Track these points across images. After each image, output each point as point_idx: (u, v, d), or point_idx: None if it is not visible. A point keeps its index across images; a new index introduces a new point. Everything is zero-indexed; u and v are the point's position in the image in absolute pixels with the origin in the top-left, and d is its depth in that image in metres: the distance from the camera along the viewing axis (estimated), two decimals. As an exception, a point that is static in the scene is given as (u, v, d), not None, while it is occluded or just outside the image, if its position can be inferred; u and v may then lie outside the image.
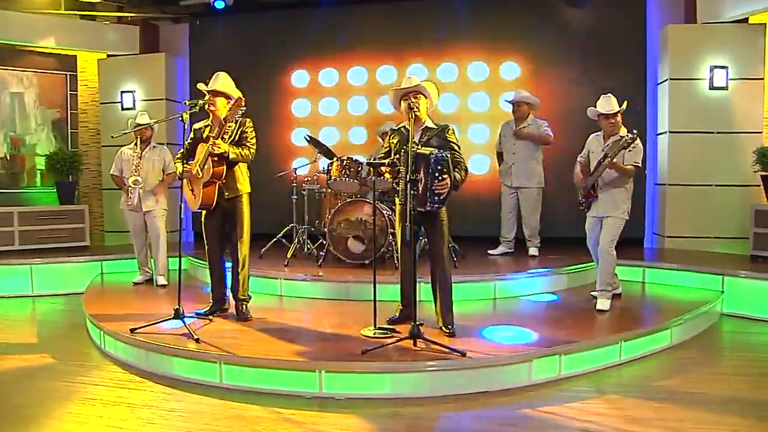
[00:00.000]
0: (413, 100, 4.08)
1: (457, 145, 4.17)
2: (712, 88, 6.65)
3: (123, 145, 5.98)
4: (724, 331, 4.97)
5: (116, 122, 7.80)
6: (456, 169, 3.99)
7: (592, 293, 5.17)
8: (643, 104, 7.14)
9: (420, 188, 3.91)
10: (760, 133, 6.62)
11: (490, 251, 6.54)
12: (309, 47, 7.85)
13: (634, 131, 4.52)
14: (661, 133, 7.01)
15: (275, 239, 6.50)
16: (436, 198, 3.91)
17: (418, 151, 3.92)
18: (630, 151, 4.61)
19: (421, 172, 3.90)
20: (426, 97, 4.16)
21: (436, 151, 3.89)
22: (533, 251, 6.35)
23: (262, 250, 6.38)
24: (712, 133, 6.66)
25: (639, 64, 7.14)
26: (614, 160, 4.53)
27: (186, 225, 8.23)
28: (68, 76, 7.76)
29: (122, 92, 7.84)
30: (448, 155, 3.89)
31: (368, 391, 3.57)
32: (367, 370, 3.57)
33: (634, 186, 4.85)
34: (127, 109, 7.80)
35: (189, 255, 6.66)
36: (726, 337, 4.84)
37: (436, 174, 3.85)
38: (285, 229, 6.54)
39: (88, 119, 8.18)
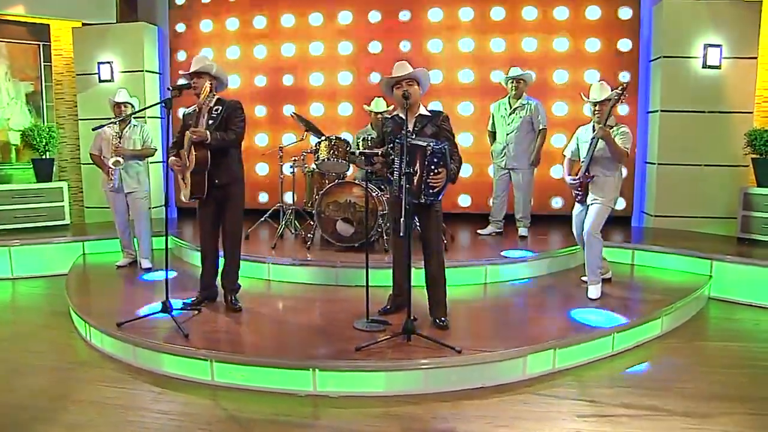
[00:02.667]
0: (407, 87, 3.93)
1: (451, 133, 4.06)
2: (705, 66, 6.57)
3: (101, 118, 5.74)
4: (712, 318, 5.01)
5: (94, 95, 7.54)
6: (451, 160, 3.88)
7: (582, 278, 5.17)
8: (635, 81, 7.07)
9: (415, 180, 3.81)
10: (751, 113, 6.58)
11: (479, 231, 6.50)
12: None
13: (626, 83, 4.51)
14: (652, 111, 6.94)
15: (261, 219, 6.38)
16: (431, 191, 3.82)
17: (414, 142, 3.81)
18: (620, 137, 4.55)
19: (417, 164, 3.79)
20: (419, 84, 4.02)
21: (434, 142, 3.78)
22: (523, 231, 6.32)
23: (248, 230, 6.27)
24: (704, 112, 6.61)
25: (632, 40, 7.02)
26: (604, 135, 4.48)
27: (170, 200, 8.06)
28: (41, 46, 7.39)
29: (99, 63, 7.51)
30: (446, 147, 3.78)
31: (362, 389, 3.53)
32: (361, 368, 3.53)
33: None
34: (105, 81, 7.50)
35: (173, 234, 6.51)
36: (714, 325, 4.87)
37: (432, 167, 3.74)
38: (271, 209, 6.41)
39: (64, 91, 7.84)
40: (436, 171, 3.75)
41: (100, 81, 7.54)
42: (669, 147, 6.71)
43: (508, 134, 6.10)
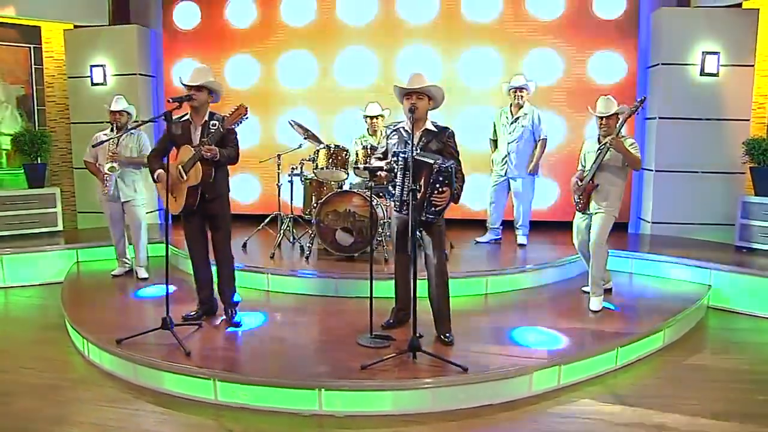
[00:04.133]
0: (415, 101, 3.88)
1: (456, 150, 4.01)
2: (703, 74, 6.58)
3: (93, 122, 5.63)
4: (712, 328, 5.01)
5: (86, 98, 7.44)
6: (455, 179, 3.83)
7: (584, 288, 5.16)
8: (633, 88, 7.06)
9: (418, 196, 3.76)
10: (748, 120, 6.60)
11: (477, 239, 6.47)
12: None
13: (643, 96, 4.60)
14: (649, 118, 6.94)
15: (259, 228, 6.31)
16: (432, 209, 3.78)
17: (420, 158, 3.76)
18: (631, 149, 4.54)
19: (422, 181, 3.75)
20: (430, 99, 3.97)
21: (441, 160, 3.73)
22: (522, 239, 6.31)
23: (246, 239, 6.19)
24: (701, 119, 6.63)
25: (630, 47, 7.01)
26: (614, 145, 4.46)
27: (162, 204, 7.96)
28: (32, 48, 7.26)
29: (92, 66, 7.39)
30: (453, 166, 3.73)
31: (369, 409, 3.49)
32: (368, 388, 3.48)
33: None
34: (98, 84, 7.40)
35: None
36: (715, 336, 4.87)
37: (437, 185, 3.70)
38: (269, 218, 6.34)
39: (55, 93, 7.72)
40: (440, 190, 3.71)
41: (93, 84, 7.43)
42: (666, 154, 6.72)
43: (509, 143, 6.06)
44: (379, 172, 4.00)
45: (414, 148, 3.83)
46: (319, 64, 7.48)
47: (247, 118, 4.08)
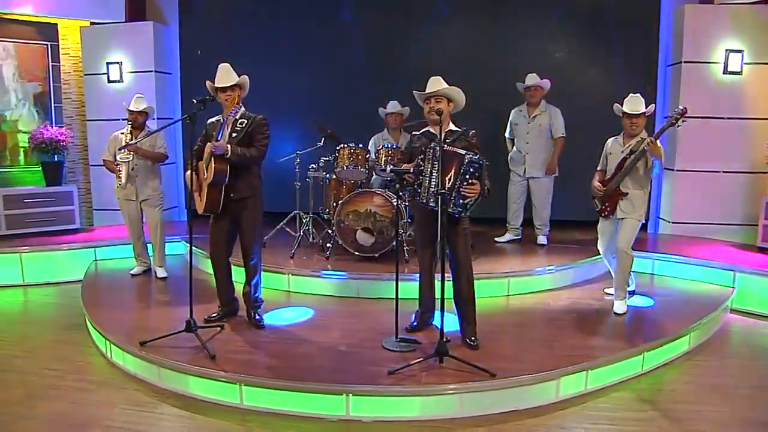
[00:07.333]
0: (434, 104, 3.88)
1: (480, 150, 3.98)
2: (726, 72, 6.48)
3: (109, 119, 5.59)
4: (736, 332, 4.94)
5: (102, 95, 7.42)
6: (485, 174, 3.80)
7: (607, 290, 5.11)
8: (653, 86, 6.98)
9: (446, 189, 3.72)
10: (770, 119, 6.51)
11: (497, 239, 6.43)
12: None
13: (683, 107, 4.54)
14: (670, 116, 6.83)
15: (278, 227, 6.28)
16: (461, 202, 3.73)
17: (452, 149, 3.73)
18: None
19: (452, 172, 3.70)
20: (450, 101, 3.95)
21: (471, 153, 3.70)
22: (542, 240, 6.26)
23: (265, 237, 6.17)
24: (723, 118, 6.53)
25: (651, 44, 6.92)
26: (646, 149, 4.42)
27: (178, 202, 7.94)
28: (49, 46, 7.23)
29: (108, 63, 7.37)
30: (483, 160, 3.69)
31: (396, 414, 3.46)
32: (395, 394, 3.45)
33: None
34: (114, 81, 7.38)
35: (185, 241, 6.39)
36: (740, 340, 4.79)
37: (467, 176, 3.66)
38: (288, 217, 6.31)
39: (72, 90, 7.71)
40: (470, 182, 3.67)
41: (109, 81, 7.41)
42: (687, 153, 6.64)
43: (527, 143, 6.01)
44: (406, 178, 3.97)
45: (446, 144, 3.81)
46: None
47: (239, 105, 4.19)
